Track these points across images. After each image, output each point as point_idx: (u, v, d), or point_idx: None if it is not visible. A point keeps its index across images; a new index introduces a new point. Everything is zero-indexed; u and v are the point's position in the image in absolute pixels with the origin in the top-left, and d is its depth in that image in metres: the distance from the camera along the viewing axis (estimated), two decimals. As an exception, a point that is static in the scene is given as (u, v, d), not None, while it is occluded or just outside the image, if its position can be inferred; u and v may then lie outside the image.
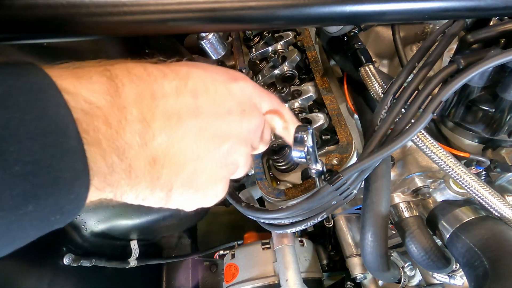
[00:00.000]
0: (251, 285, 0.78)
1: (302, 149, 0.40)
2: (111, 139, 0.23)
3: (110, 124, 0.23)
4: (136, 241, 0.94)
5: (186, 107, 0.28)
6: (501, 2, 0.38)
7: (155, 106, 0.26)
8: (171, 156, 0.28)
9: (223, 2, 0.34)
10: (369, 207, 0.56)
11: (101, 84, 0.24)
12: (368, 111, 0.64)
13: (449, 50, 0.56)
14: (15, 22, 0.31)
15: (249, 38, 0.88)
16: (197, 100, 0.29)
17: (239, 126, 0.33)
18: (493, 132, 0.54)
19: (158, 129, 0.26)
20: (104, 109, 0.23)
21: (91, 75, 0.24)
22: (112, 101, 0.24)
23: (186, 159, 0.29)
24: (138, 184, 0.27)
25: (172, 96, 0.28)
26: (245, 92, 0.34)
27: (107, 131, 0.23)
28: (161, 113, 0.27)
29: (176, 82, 0.28)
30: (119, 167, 0.24)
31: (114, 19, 0.33)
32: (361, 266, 0.79)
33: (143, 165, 0.26)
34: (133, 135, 0.25)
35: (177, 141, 0.28)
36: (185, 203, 0.32)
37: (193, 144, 0.29)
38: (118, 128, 0.24)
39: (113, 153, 0.24)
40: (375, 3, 0.37)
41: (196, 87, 0.30)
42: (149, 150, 0.26)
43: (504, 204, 0.50)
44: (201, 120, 0.29)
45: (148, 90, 0.26)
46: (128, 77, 0.26)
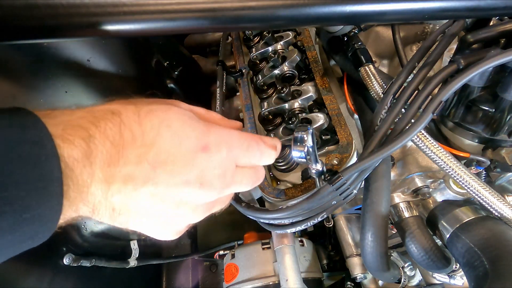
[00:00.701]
0: (251, 285, 0.78)
1: (302, 149, 0.40)
2: (78, 191, 0.29)
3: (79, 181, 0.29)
4: (136, 241, 0.94)
5: (144, 176, 0.32)
6: (501, 2, 0.38)
7: (117, 172, 0.31)
8: (127, 210, 0.33)
9: (223, 2, 0.34)
10: (369, 207, 0.56)
11: (79, 150, 0.29)
12: (368, 111, 0.64)
13: (449, 50, 0.56)
14: (15, 22, 0.31)
15: (249, 38, 0.88)
16: (154, 170, 0.32)
17: (195, 197, 0.35)
18: (493, 132, 0.54)
19: (116, 190, 0.31)
20: (77, 172, 0.29)
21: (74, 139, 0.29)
22: (84, 166, 0.29)
23: (138, 215, 0.34)
24: (101, 218, 0.33)
25: (133, 164, 0.31)
26: (212, 163, 0.35)
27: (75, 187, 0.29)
28: (121, 178, 0.31)
29: (140, 151, 0.32)
30: (83, 208, 0.31)
31: (114, 19, 0.33)
32: (361, 266, 0.79)
33: (104, 209, 0.32)
34: (97, 190, 0.31)
35: (132, 201, 0.33)
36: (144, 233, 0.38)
37: (145, 207, 0.34)
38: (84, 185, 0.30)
39: (79, 201, 0.30)
40: (375, 3, 0.37)
41: (157, 158, 0.32)
42: (108, 202, 0.32)
43: (504, 204, 0.50)
44: (155, 188, 0.33)
45: (115, 156, 0.31)
46: (103, 142, 0.30)
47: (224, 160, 0.36)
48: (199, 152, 0.34)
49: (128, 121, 0.32)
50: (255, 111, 0.76)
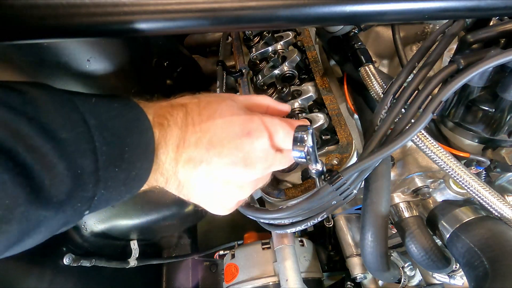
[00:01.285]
0: (251, 285, 0.78)
1: (302, 149, 0.40)
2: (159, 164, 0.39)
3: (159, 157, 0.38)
4: (136, 241, 0.94)
5: (199, 157, 0.40)
6: (501, 2, 0.38)
7: (181, 153, 0.39)
8: (188, 186, 0.42)
9: (223, 2, 0.34)
10: (369, 207, 0.56)
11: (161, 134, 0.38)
12: (368, 111, 0.64)
13: (449, 50, 0.56)
14: (15, 22, 0.31)
15: (249, 38, 0.88)
16: (208, 152, 0.39)
17: (240, 176, 0.42)
18: (493, 132, 0.54)
19: (181, 168, 0.40)
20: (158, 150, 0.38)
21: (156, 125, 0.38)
22: (161, 146, 0.38)
23: (197, 190, 0.42)
24: (171, 188, 0.42)
25: (192, 147, 0.39)
26: (254, 146, 0.41)
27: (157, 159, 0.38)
28: (184, 158, 0.39)
29: (198, 135, 0.40)
30: (160, 179, 0.40)
31: (114, 19, 0.33)
32: (361, 266, 0.79)
33: (173, 182, 0.41)
34: (169, 166, 0.39)
35: (191, 179, 0.41)
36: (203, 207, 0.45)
37: (201, 183, 0.41)
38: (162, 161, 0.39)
39: (158, 172, 0.39)
40: (375, 3, 0.37)
41: (211, 141, 0.40)
42: (176, 177, 0.40)
43: (504, 204, 0.50)
44: (209, 168, 0.40)
45: (182, 140, 0.39)
46: (175, 129, 0.39)
47: (265, 144, 0.42)
48: (244, 137, 0.40)
49: (191, 111, 0.41)
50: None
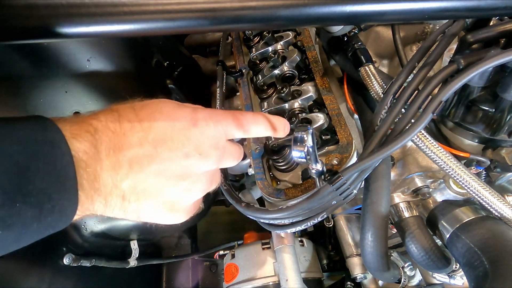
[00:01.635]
0: (251, 285, 0.78)
1: (302, 149, 0.40)
2: (91, 182, 0.32)
3: (91, 171, 0.32)
4: (136, 241, 0.94)
5: (147, 155, 0.35)
6: (501, 2, 0.38)
7: (122, 156, 0.34)
8: (136, 194, 0.36)
9: (223, 2, 0.34)
10: (369, 207, 0.56)
11: (86, 141, 0.32)
12: (368, 111, 0.64)
13: (449, 50, 0.56)
14: (15, 22, 0.31)
15: (249, 38, 0.88)
16: (155, 149, 0.36)
17: (196, 167, 0.39)
18: (493, 132, 0.54)
19: (124, 174, 0.34)
20: (87, 161, 0.32)
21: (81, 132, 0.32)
22: (93, 156, 0.32)
23: (148, 196, 0.37)
24: (113, 210, 0.36)
25: (135, 147, 0.35)
26: (204, 135, 0.39)
27: (88, 177, 0.32)
28: (126, 162, 0.34)
29: (140, 134, 0.35)
30: (97, 200, 0.34)
31: (114, 19, 0.33)
32: (361, 266, 0.79)
33: (115, 200, 0.35)
34: (107, 179, 0.33)
35: (140, 183, 0.36)
36: (155, 221, 0.40)
37: (153, 185, 0.36)
38: (96, 175, 0.33)
39: (93, 192, 0.33)
40: (375, 3, 0.37)
41: (156, 137, 0.36)
42: (118, 190, 0.35)
43: (504, 204, 0.50)
44: (159, 165, 0.36)
45: (118, 143, 0.34)
46: (106, 132, 0.34)
47: (214, 131, 0.40)
48: (191, 128, 0.38)
49: (125, 113, 0.36)
50: (255, 111, 0.76)
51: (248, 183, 0.93)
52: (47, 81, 0.60)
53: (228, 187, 0.66)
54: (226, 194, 0.65)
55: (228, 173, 0.75)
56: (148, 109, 0.37)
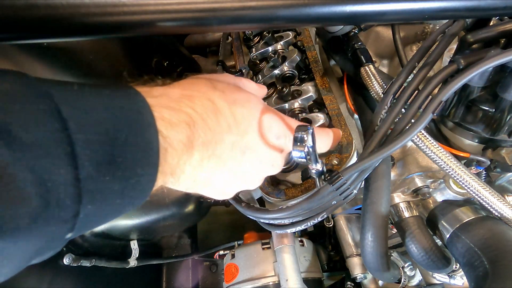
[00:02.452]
0: (251, 285, 0.78)
1: (302, 149, 0.40)
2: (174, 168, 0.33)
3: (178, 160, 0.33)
4: (136, 241, 0.94)
5: (234, 159, 0.38)
6: (501, 2, 0.38)
7: (211, 152, 0.36)
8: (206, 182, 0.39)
9: (223, 2, 0.34)
10: (369, 207, 0.56)
11: (183, 133, 0.32)
12: (368, 111, 0.64)
13: (449, 50, 0.56)
14: (15, 22, 0.31)
15: (249, 38, 0.88)
16: (243, 155, 0.39)
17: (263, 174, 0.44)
18: (493, 132, 0.54)
19: (206, 168, 0.36)
20: (179, 151, 0.32)
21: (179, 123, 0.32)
22: (185, 148, 0.33)
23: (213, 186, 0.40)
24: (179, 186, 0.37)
25: (227, 149, 0.37)
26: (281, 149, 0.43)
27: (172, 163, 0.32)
28: (214, 158, 0.36)
29: (234, 139, 0.38)
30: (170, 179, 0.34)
31: (114, 19, 0.33)
32: (361, 266, 0.79)
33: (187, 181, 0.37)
34: (189, 167, 0.35)
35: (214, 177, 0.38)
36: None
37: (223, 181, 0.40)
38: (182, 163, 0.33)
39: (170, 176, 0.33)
40: (375, 3, 0.37)
41: (248, 145, 0.39)
42: (194, 176, 0.36)
43: (504, 204, 0.50)
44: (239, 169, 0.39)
45: (213, 141, 0.35)
46: (203, 127, 0.34)
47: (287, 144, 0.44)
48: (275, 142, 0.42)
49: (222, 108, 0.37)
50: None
51: (248, 183, 0.93)
52: (47, 81, 0.60)
53: (228, 187, 0.66)
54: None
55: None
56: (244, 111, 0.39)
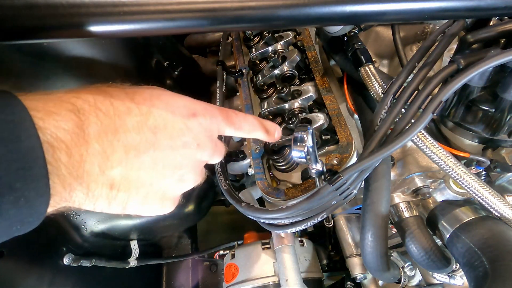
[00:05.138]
0: (251, 285, 0.78)
1: (302, 149, 0.40)
2: (72, 168, 0.28)
3: (72, 155, 0.28)
4: (136, 241, 0.94)
5: (145, 142, 0.33)
6: (501, 2, 0.38)
7: (116, 140, 0.31)
8: (127, 183, 0.33)
9: (223, 2, 0.34)
10: (369, 207, 0.56)
11: (68, 121, 0.27)
12: (368, 111, 0.64)
13: (449, 50, 0.56)
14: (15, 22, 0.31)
15: (249, 38, 0.88)
16: (155, 135, 0.34)
17: (193, 156, 0.38)
18: (493, 132, 0.54)
19: (117, 161, 0.31)
20: (68, 143, 0.27)
21: (60, 111, 0.27)
22: (76, 137, 0.28)
23: (140, 185, 0.34)
24: (96, 201, 0.31)
25: (133, 132, 0.32)
26: (202, 127, 0.38)
27: (68, 161, 0.27)
28: (121, 147, 0.31)
29: (138, 119, 0.32)
30: (78, 189, 0.29)
31: (114, 19, 0.33)
32: (361, 266, 0.79)
33: (101, 188, 0.31)
34: (93, 165, 0.29)
35: (133, 171, 0.32)
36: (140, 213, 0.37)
37: (148, 174, 0.34)
38: (79, 159, 0.28)
39: (73, 180, 0.28)
40: (375, 3, 0.37)
41: (156, 123, 0.34)
42: (106, 178, 0.31)
43: (504, 204, 0.50)
44: (158, 153, 0.34)
45: (112, 126, 0.30)
46: (95, 113, 0.29)
47: (210, 124, 0.39)
48: (191, 118, 0.37)
49: (117, 95, 0.32)
50: (255, 111, 0.76)
51: (248, 183, 0.93)
52: (47, 81, 0.60)
53: (228, 187, 0.66)
54: (226, 194, 0.65)
55: (228, 173, 0.75)
56: (143, 94, 0.35)
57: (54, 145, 0.26)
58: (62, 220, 0.76)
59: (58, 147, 0.27)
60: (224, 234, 1.49)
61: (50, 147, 0.26)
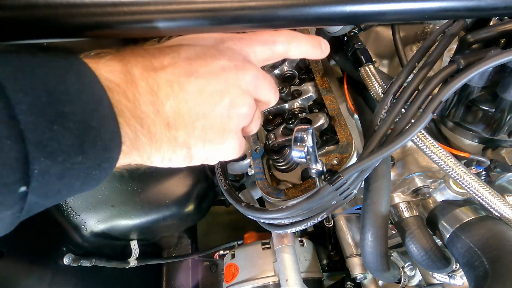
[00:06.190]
0: (251, 285, 0.78)
1: (302, 149, 0.40)
2: (131, 109, 0.29)
3: (128, 97, 0.29)
4: (136, 241, 0.94)
5: (184, 73, 0.33)
6: (501, 2, 0.38)
7: (158, 77, 0.32)
8: (181, 119, 0.33)
9: (223, 2, 0.34)
10: (369, 207, 0.56)
11: (115, 66, 0.30)
12: (368, 111, 0.64)
13: (449, 50, 0.56)
14: (15, 22, 0.31)
15: (249, 38, 0.88)
16: (191, 65, 0.34)
17: (235, 79, 0.36)
18: (493, 132, 0.54)
19: (165, 96, 0.32)
20: (122, 85, 0.29)
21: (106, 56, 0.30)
22: (126, 78, 0.29)
23: (193, 118, 0.34)
24: (161, 147, 0.33)
25: (170, 67, 0.33)
26: (234, 49, 0.38)
27: (126, 103, 0.29)
28: (164, 82, 0.32)
29: (171, 55, 0.34)
30: (141, 133, 0.30)
31: (114, 19, 0.33)
32: (361, 266, 0.79)
33: (160, 129, 0.32)
34: (147, 105, 0.30)
35: (182, 105, 0.33)
36: (207, 157, 0.37)
37: (197, 105, 0.34)
38: (134, 100, 0.30)
39: (135, 121, 0.30)
40: (375, 3, 0.37)
41: (188, 55, 0.34)
42: (161, 116, 0.32)
43: (504, 204, 0.50)
44: (199, 82, 0.34)
45: (150, 65, 0.32)
46: (133, 57, 0.31)
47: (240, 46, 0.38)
48: (219, 44, 0.37)
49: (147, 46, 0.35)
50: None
51: (248, 183, 0.93)
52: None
53: (228, 187, 0.66)
54: (226, 194, 0.65)
55: (228, 173, 0.75)
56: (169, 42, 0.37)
57: (112, 88, 0.28)
58: (62, 220, 0.76)
59: (115, 89, 0.28)
60: (224, 234, 1.49)
61: (109, 90, 0.28)
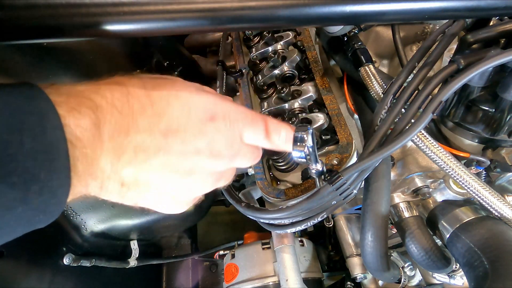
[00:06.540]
0: (251, 285, 0.78)
1: (302, 149, 0.40)
2: (87, 165, 0.28)
3: (87, 155, 0.28)
4: (136, 241, 0.94)
5: (155, 145, 0.32)
6: (501, 2, 0.38)
7: (127, 142, 0.31)
8: (136, 184, 0.33)
9: (223, 2, 0.34)
10: (369, 207, 0.56)
11: (86, 119, 0.28)
12: (368, 111, 0.64)
13: (449, 50, 0.56)
14: (15, 22, 0.31)
15: (249, 38, 0.88)
16: (166, 139, 0.32)
17: (205, 165, 0.36)
18: (493, 132, 0.54)
19: (127, 161, 0.31)
20: (85, 142, 0.28)
21: (80, 108, 0.28)
22: (93, 136, 0.28)
23: (149, 187, 0.34)
24: (110, 195, 0.33)
25: (143, 133, 0.31)
26: (220, 132, 0.36)
27: (84, 161, 0.28)
28: (131, 148, 0.31)
29: (151, 120, 0.32)
30: (92, 184, 0.30)
31: (114, 19, 0.33)
32: (361, 266, 0.79)
33: (113, 185, 0.32)
34: (106, 163, 0.30)
35: (142, 173, 0.32)
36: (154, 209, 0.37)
37: (157, 177, 0.33)
38: (94, 159, 0.29)
39: (89, 177, 0.29)
40: (375, 3, 0.37)
41: (168, 126, 0.33)
42: (117, 176, 0.31)
43: (504, 204, 0.50)
44: (167, 157, 0.33)
45: (125, 126, 0.30)
46: (111, 111, 0.30)
47: (230, 130, 0.37)
48: (208, 122, 0.35)
49: (135, 92, 0.32)
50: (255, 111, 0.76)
51: (248, 183, 0.93)
52: (47, 81, 0.60)
53: (228, 187, 0.66)
54: (226, 194, 0.65)
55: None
56: (162, 91, 0.33)
57: (73, 142, 0.27)
58: (62, 220, 0.76)
59: (76, 144, 0.27)
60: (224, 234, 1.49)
61: (71, 144, 0.27)
